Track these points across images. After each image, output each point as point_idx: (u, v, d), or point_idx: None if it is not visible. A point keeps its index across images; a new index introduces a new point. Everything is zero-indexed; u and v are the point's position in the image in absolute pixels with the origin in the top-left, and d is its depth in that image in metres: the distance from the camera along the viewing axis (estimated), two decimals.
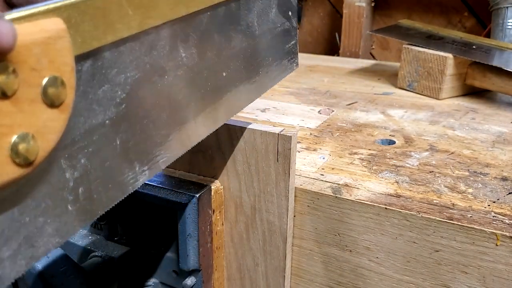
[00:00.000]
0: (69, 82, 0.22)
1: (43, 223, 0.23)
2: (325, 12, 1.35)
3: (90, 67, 0.24)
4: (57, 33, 0.21)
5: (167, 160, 0.31)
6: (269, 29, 0.40)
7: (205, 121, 0.35)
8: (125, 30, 0.25)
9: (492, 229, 0.38)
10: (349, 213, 0.43)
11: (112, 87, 0.26)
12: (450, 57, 0.74)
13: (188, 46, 0.31)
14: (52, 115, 0.21)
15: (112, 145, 0.27)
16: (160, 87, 0.30)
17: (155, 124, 0.30)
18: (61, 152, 0.23)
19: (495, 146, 0.55)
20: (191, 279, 0.46)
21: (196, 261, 0.46)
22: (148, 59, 0.28)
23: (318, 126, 0.63)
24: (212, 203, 0.46)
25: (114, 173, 0.27)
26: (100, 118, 0.25)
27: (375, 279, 0.44)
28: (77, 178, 0.25)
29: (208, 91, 0.34)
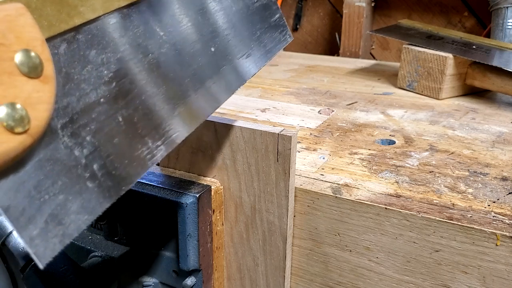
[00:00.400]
0: (43, 54, 0.23)
1: (65, 200, 0.24)
2: (325, 12, 1.35)
3: (67, 50, 0.25)
4: (16, 11, 0.22)
5: (180, 134, 0.32)
6: (246, 5, 0.41)
7: (208, 95, 0.36)
8: (90, 12, 0.27)
9: (492, 229, 0.38)
10: (349, 213, 0.43)
11: (95, 67, 0.27)
12: (450, 57, 0.74)
13: (163, 25, 0.32)
14: (35, 86, 0.22)
15: (115, 122, 0.28)
16: (147, 65, 0.31)
17: (156, 100, 0.31)
18: (62, 131, 0.25)
19: (495, 146, 0.55)
20: (191, 279, 0.46)
21: (196, 261, 0.46)
22: (125, 40, 0.29)
23: (318, 126, 0.63)
24: (212, 203, 0.46)
25: (127, 149, 0.28)
26: (93, 96, 0.27)
27: (375, 279, 0.44)
28: (87, 155, 0.26)
29: (200, 66, 0.35)
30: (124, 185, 0.27)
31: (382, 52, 1.29)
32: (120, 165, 0.27)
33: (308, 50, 1.39)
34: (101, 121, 0.27)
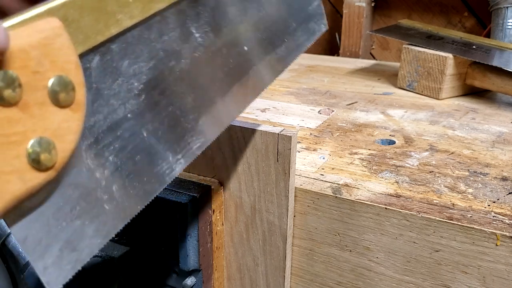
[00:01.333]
0: (76, 79, 0.21)
1: (81, 225, 0.23)
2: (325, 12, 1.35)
3: (99, 63, 0.24)
4: (53, 32, 0.20)
5: (201, 145, 0.30)
6: None
7: (235, 100, 0.33)
8: (127, 19, 0.24)
9: (492, 229, 0.38)
10: (349, 213, 0.43)
11: (126, 79, 0.25)
12: (450, 57, 0.74)
13: (201, 25, 0.30)
14: (65, 116, 0.21)
15: (140, 137, 0.26)
16: (179, 72, 0.28)
17: (182, 110, 0.29)
18: (86, 153, 0.23)
19: (495, 146, 0.55)
20: (191, 279, 0.46)
21: (196, 261, 0.46)
22: (159, 46, 0.27)
23: (318, 126, 0.63)
24: (212, 203, 0.46)
25: (147, 166, 0.26)
26: (121, 112, 0.25)
27: (375, 279, 0.44)
28: (108, 176, 0.24)
29: (231, 69, 0.33)
30: (140, 204, 0.26)
31: (382, 52, 1.29)
32: (139, 184, 0.26)
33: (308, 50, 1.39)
34: (126, 139, 0.25)
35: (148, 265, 0.49)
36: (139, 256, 0.49)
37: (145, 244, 0.48)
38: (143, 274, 0.50)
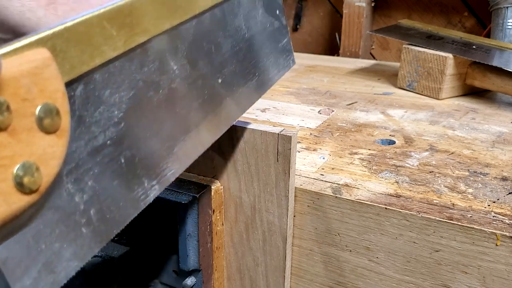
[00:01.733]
0: (62, 107, 0.22)
1: (60, 248, 0.23)
2: (325, 12, 1.35)
3: (83, 91, 0.25)
4: (43, 62, 0.22)
5: (175, 172, 0.31)
6: (259, 31, 0.40)
7: (208, 129, 0.35)
8: (111, 51, 0.26)
9: (492, 229, 0.38)
10: (349, 213, 0.43)
11: (108, 107, 0.26)
12: (450, 57, 0.74)
13: (178, 58, 0.32)
14: (50, 142, 0.22)
15: (118, 164, 0.27)
16: (157, 102, 0.30)
17: (158, 138, 0.30)
18: (67, 177, 0.24)
19: (495, 146, 0.55)
20: (191, 279, 0.46)
21: (196, 261, 0.46)
22: (139, 76, 0.28)
23: (318, 126, 0.63)
24: (212, 203, 0.46)
25: (124, 191, 0.27)
26: (101, 139, 0.26)
27: (375, 279, 0.44)
28: (87, 200, 0.25)
29: (206, 99, 0.34)
30: (116, 228, 0.27)
31: (382, 52, 1.29)
32: (115, 208, 0.27)
33: (308, 50, 1.39)
34: (104, 164, 0.26)
35: (148, 265, 0.49)
36: (139, 256, 0.49)
37: (145, 244, 0.48)
38: (143, 274, 0.50)
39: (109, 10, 0.26)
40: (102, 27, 0.25)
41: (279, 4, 0.43)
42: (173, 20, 0.31)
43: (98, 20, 0.25)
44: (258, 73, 0.41)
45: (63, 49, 0.23)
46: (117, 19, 0.26)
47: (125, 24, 0.27)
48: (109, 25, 0.26)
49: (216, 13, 0.35)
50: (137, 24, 0.28)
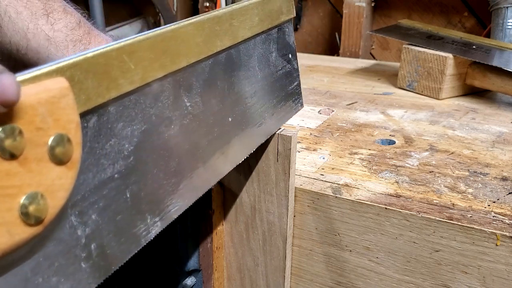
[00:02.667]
0: (75, 138, 0.22)
1: (57, 282, 0.23)
2: (325, 12, 1.35)
3: (96, 123, 0.24)
4: (60, 92, 0.21)
5: (179, 209, 0.31)
6: (271, 73, 0.41)
7: (215, 167, 0.35)
8: (128, 84, 0.26)
9: (492, 229, 0.38)
10: (349, 213, 0.43)
11: (119, 140, 0.26)
12: (450, 57, 0.74)
13: (192, 95, 0.32)
14: (60, 173, 0.21)
15: (123, 198, 0.26)
16: (167, 137, 0.30)
17: (165, 173, 0.30)
18: (71, 210, 0.23)
19: (495, 146, 0.55)
20: (191, 279, 0.46)
21: (196, 261, 0.46)
22: (153, 111, 0.28)
23: (318, 126, 0.63)
24: (212, 203, 0.46)
25: (126, 226, 0.27)
26: (109, 172, 0.25)
27: (375, 279, 0.44)
28: (89, 234, 0.24)
29: (215, 137, 0.34)
30: (115, 264, 0.26)
31: (382, 52, 1.29)
32: (116, 243, 0.26)
33: (308, 50, 1.39)
34: (110, 198, 0.25)
35: (148, 265, 0.49)
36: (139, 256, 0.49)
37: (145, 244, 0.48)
38: (143, 274, 0.50)
39: (130, 44, 0.26)
40: (121, 60, 0.25)
41: (293, 48, 0.44)
42: (190, 58, 0.31)
43: (118, 53, 0.25)
44: (267, 114, 0.41)
45: (81, 80, 0.23)
46: (137, 53, 0.26)
47: (144, 58, 0.27)
48: (129, 58, 0.26)
49: (232, 53, 0.35)
50: (156, 59, 0.28)
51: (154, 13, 1.65)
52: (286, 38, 0.43)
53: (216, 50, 0.33)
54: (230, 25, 0.34)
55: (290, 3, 0.42)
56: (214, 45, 0.33)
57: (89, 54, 0.23)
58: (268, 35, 0.40)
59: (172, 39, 0.29)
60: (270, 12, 0.39)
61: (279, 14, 0.41)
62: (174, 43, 0.29)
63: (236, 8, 0.35)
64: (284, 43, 0.42)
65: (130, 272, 0.49)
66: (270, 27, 0.40)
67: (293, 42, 0.44)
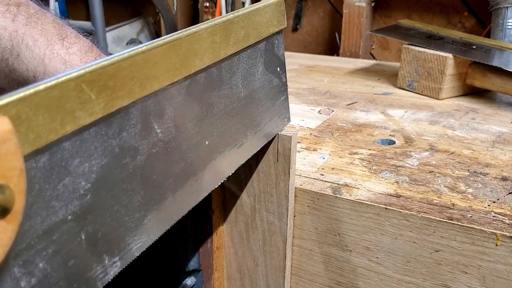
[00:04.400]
0: (17, 187, 0.19)
1: None
2: (325, 12, 1.35)
3: (47, 162, 0.21)
4: (1, 137, 0.18)
5: (142, 245, 0.27)
6: (256, 89, 0.38)
7: (187, 195, 0.31)
8: (87, 117, 0.22)
9: (492, 229, 0.38)
10: (349, 213, 0.43)
11: (74, 179, 0.23)
12: (450, 57, 0.74)
13: (164, 120, 0.28)
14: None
15: (77, 241, 0.23)
16: (132, 169, 0.26)
17: (127, 209, 0.26)
18: (14, 261, 0.20)
19: (495, 146, 0.55)
20: (191, 279, 0.46)
21: (196, 261, 0.46)
22: (116, 142, 0.25)
23: (318, 126, 0.63)
24: (212, 203, 0.46)
25: (80, 271, 0.24)
26: (61, 214, 0.22)
27: (375, 279, 0.44)
28: (34, 285, 0.21)
29: (188, 163, 0.30)
30: None
31: (382, 52, 1.29)
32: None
33: (308, 50, 1.39)
34: (61, 243, 0.22)
35: (148, 265, 0.49)
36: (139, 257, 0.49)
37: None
38: (143, 274, 0.50)
39: (90, 71, 0.22)
40: (80, 91, 0.22)
41: (282, 61, 0.41)
42: (163, 81, 0.27)
43: (76, 83, 0.22)
44: (249, 133, 0.37)
45: (29, 117, 0.20)
46: (98, 81, 0.23)
47: (107, 86, 0.23)
48: (89, 88, 0.22)
49: (212, 72, 0.32)
50: (122, 86, 0.24)
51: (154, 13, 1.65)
52: (275, 51, 0.39)
53: (194, 70, 0.30)
54: (211, 42, 0.31)
55: (282, 13, 0.39)
56: (192, 65, 0.29)
57: (40, 86, 0.20)
58: (254, 49, 0.36)
59: (142, 63, 0.25)
60: (258, 25, 0.36)
61: (269, 26, 0.37)
62: (145, 66, 0.26)
63: (219, 22, 0.32)
64: (272, 56, 0.39)
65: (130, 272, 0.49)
66: (257, 40, 0.36)
67: (283, 54, 0.40)
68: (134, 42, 1.66)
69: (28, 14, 0.41)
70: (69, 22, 0.45)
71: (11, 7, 0.41)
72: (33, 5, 0.43)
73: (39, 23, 0.41)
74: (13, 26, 0.40)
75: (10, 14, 0.40)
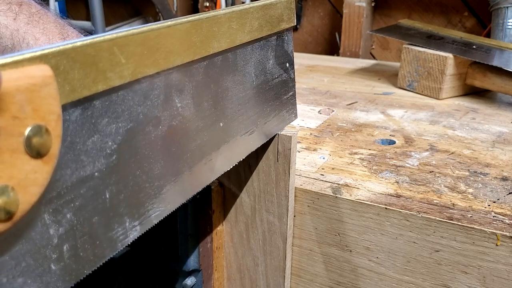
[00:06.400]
0: (55, 131, 0.20)
1: (22, 284, 0.21)
2: (325, 12, 1.35)
3: (79, 117, 0.23)
4: (42, 80, 0.20)
5: (160, 214, 0.29)
6: (267, 80, 0.40)
7: (201, 172, 0.33)
8: (117, 79, 0.24)
9: (492, 229, 0.38)
10: (349, 213, 0.43)
11: (102, 137, 0.24)
12: (450, 57, 0.74)
13: (184, 96, 0.30)
14: (35, 167, 0.20)
15: (101, 198, 0.25)
16: (153, 137, 0.28)
17: (149, 176, 0.28)
18: (45, 207, 0.22)
19: (495, 146, 0.55)
20: (191, 279, 0.46)
21: (196, 261, 0.46)
22: (141, 109, 0.27)
23: (318, 126, 0.63)
24: (212, 203, 0.46)
25: (103, 229, 0.25)
26: (89, 170, 0.24)
27: (375, 279, 0.44)
28: (62, 234, 0.23)
29: (204, 142, 0.33)
30: (87, 268, 0.25)
31: (382, 52, 1.29)
32: (90, 247, 0.24)
33: (308, 50, 1.39)
34: (87, 198, 0.24)
35: (148, 265, 0.49)
36: (139, 257, 0.49)
37: (145, 244, 0.48)
38: (143, 274, 0.50)
39: (122, 36, 0.24)
40: (112, 53, 0.24)
41: (291, 57, 0.43)
42: (185, 57, 0.29)
43: (109, 45, 0.24)
44: (260, 122, 0.39)
45: (66, 69, 0.21)
46: (129, 46, 0.25)
47: (135, 53, 0.25)
48: (119, 51, 0.24)
49: (228, 57, 0.34)
50: (148, 55, 0.26)
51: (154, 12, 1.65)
52: (285, 47, 0.41)
53: (212, 51, 0.32)
54: (228, 27, 0.33)
55: (292, 11, 0.41)
56: (211, 46, 0.32)
57: (77, 43, 0.22)
58: (267, 42, 0.39)
59: (167, 36, 0.27)
60: (270, 18, 0.38)
61: (280, 21, 0.39)
62: (169, 40, 0.28)
63: (236, 10, 0.34)
64: (282, 51, 0.41)
65: (130, 272, 0.49)
66: (270, 33, 0.38)
67: (292, 51, 0.43)
68: None
69: (30, 13, 0.41)
70: (70, 22, 0.46)
71: (13, 6, 0.41)
72: (34, 4, 0.43)
73: (40, 22, 0.41)
74: (15, 25, 0.40)
75: (12, 12, 0.40)
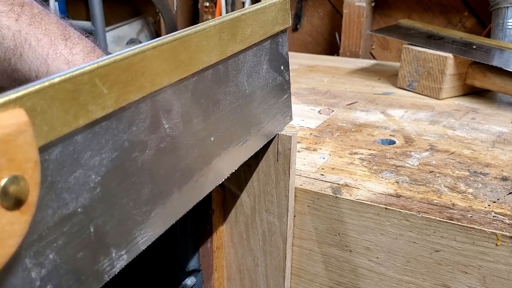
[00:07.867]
0: (32, 179, 0.19)
1: None
2: (325, 12, 1.35)
3: (60, 154, 0.22)
4: (17, 128, 0.18)
5: (148, 239, 0.28)
6: (260, 86, 0.38)
7: (192, 190, 0.32)
8: (99, 110, 0.23)
9: (492, 229, 0.38)
10: (349, 213, 0.43)
11: (85, 171, 0.23)
12: (450, 57, 0.73)
13: (172, 116, 0.29)
14: (11, 218, 0.19)
15: (86, 233, 0.24)
16: (140, 163, 0.27)
17: (136, 202, 0.27)
18: (25, 251, 0.21)
19: (495, 146, 0.55)
20: (191, 279, 0.46)
21: (196, 261, 0.46)
22: (126, 136, 0.25)
23: (318, 126, 0.63)
24: (212, 203, 0.46)
25: (88, 264, 0.24)
26: (72, 207, 0.23)
27: (375, 279, 0.44)
28: (44, 276, 0.22)
29: (194, 159, 0.31)
30: None
31: (382, 52, 1.29)
32: (76, 282, 0.23)
33: (308, 50, 1.39)
34: (71, 235, 0.23)
35: (148, 265, 0.49)
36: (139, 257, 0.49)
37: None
38: (143, 274, 0.50)
39: (104, 65, 0.23)
40: (93, 85, 0.22)
41: (286, 59, 0.41)
42: (173, 77, 0.28)
43: (90, 77, 0.22)
44: (253, 130, 0.38)
45: (44, 109, 0.20)
46: (111, 75, 0.23)
47: (119, 81, 0.24)
48: (101, 82, 0.23)
49: (219, 69, 0.33)
50: (133, 80, 0.25)
51: (154, 13, 1.65)
52: (279, 49, 0.40)
53: (202, 66, 0.30)
54: (219, 39, 0.32)
55: (286, 12, 0.39)
56: (201, 61, 0.30)
57: (55, 79, 0.20)
58: (260, 47, 0.37)
59: (153, 58, 0.26)
60: (263, 23, 0.36)
61: (274, 25, 0.38)
62: (155, 62, 0.26)
63: (227, 20, 0.32)
64: (276, 54, 0.40)
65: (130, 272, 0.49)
66: (263, 38, 0.37)
67: (287, 53, 0.41)
68: (134, 42, 1.67)
69: (32, 14, 0.41)
70: (71, 22, 0.46)
71: (14, 7, 0.41)
72: (36, 5, 0.43)
73: (42, 23, 0.41)
74: (17, 26, 0.40)
75: (14, 14, 0.40)
